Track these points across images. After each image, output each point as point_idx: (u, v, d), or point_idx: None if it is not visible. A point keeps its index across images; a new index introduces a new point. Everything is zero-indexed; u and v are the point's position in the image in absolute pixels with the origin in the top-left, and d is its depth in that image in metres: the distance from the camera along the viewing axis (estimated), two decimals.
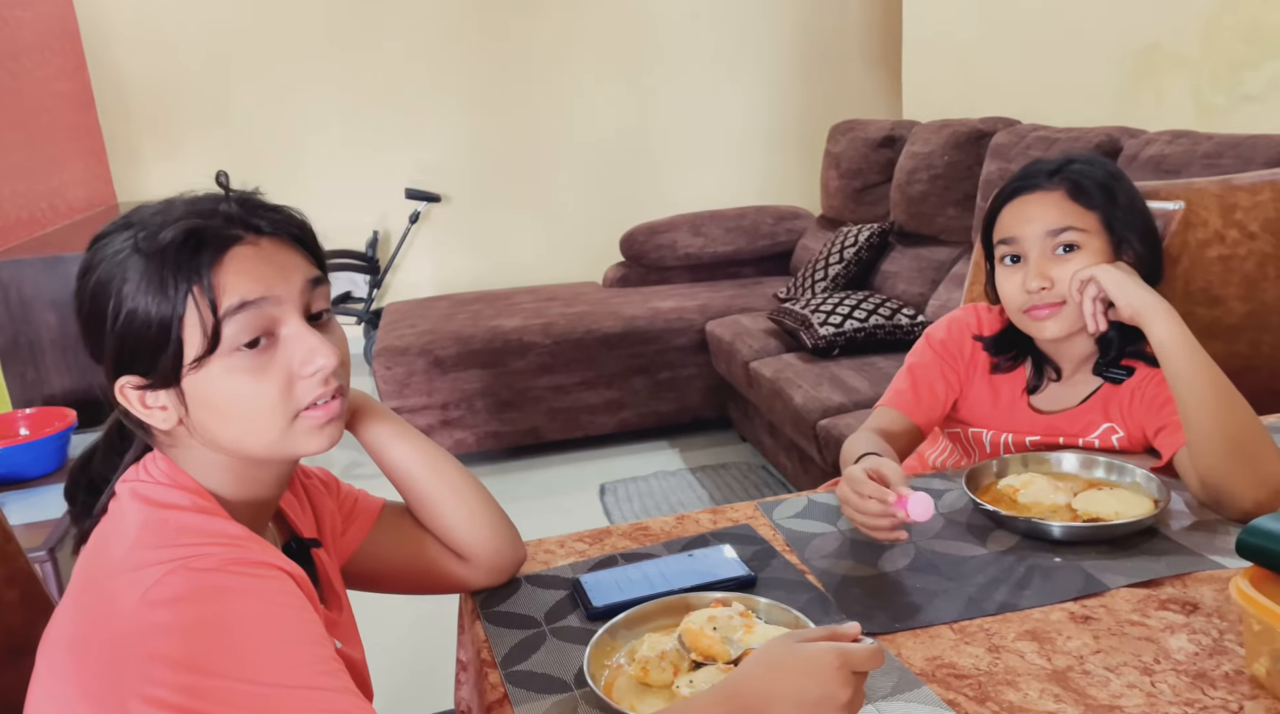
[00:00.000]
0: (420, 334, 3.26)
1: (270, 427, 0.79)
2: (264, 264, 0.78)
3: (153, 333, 0.75)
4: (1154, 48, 2.64)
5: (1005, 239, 1.25)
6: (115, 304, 0.76)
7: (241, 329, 0.76)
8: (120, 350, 0.77)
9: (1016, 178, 1.26)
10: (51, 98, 3.44)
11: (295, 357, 0.79)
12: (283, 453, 0.82)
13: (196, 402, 0.78)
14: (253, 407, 0.78)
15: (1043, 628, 0.92)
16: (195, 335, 0.75)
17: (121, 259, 0.76)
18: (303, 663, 0.71)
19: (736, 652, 0.86)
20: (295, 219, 0.83)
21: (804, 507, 1.22)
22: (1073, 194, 1.21)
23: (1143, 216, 1.24)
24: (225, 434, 0.79)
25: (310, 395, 0.80)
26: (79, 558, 0.81)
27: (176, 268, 0.75)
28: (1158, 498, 1.11)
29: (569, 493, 3.05)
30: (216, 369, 0.76)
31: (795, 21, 4.58)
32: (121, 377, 0.78)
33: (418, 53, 4.21)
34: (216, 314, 0.75)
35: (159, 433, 0.81)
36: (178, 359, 0.76)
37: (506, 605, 1.01)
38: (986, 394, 1.35)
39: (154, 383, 0.77)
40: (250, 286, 0.76)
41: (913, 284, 3.10)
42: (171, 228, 0.76)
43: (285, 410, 0.79)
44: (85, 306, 0.79)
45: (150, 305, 0.75)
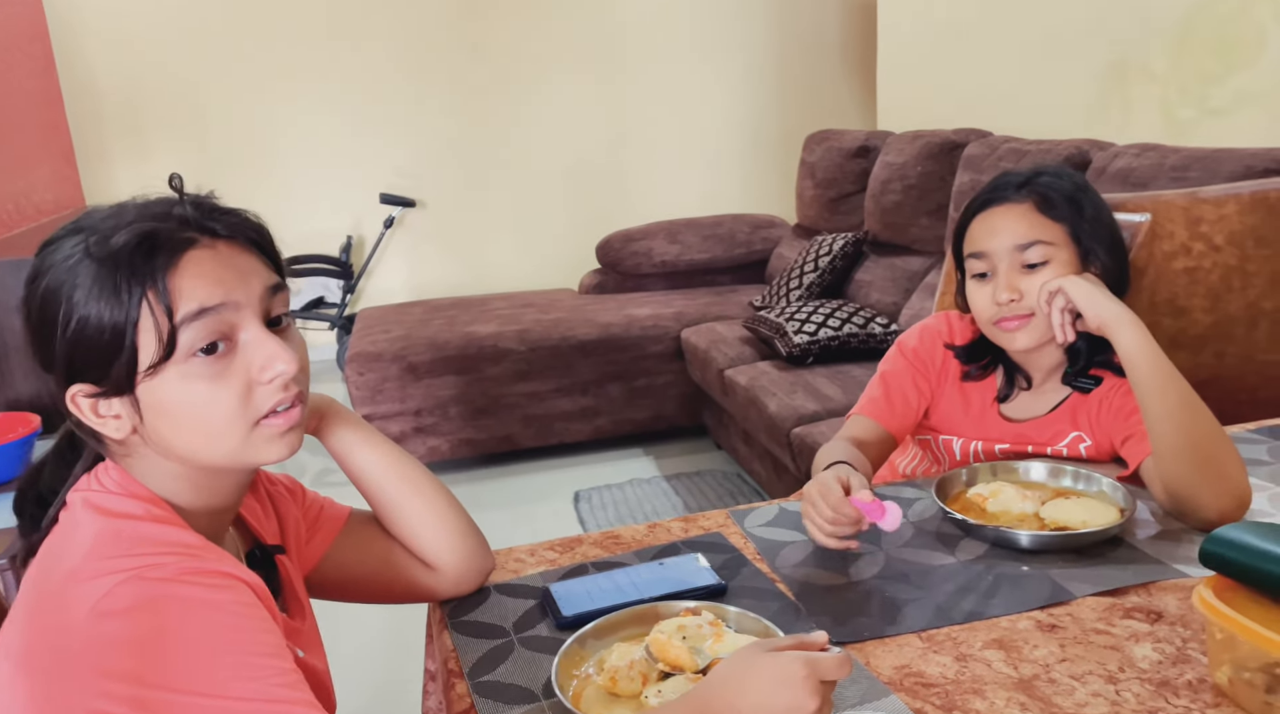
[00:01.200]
0: (394, 340, 3.24)
1: (229, 435, 0.78)
2: (222, 268, 0.76)
3: (105, 339, 0.74)
4: (1123, 61, 2.68)
5: (975, 253, 1.26)
6: (66, 311, 0.74)
7: (199, 335, 0.75)
8: (71, 358, 0.75)
9: (986, 190, 1.28)
10: (19, 98, 3.39)
11: (254, 363, 0.78)
12: (242, 461, 0.81)
13: (151, 409, 0.76)
14: (210, 414, 0.77)
15: (1010, 636, 0.92)
16: (150, 341, 0.74)
17: (72, 265, 0.74)
18: (259, 675, 0.70)
19: (704, 661, 0.86)
20: (252, 223, 0.82)
21: (775, 515, 1.22)
22: (1040, 207, 1.22)
23: (1109, 228, 1.25)
24: (182, 442, 0.78)
25: (269, 402, 0.79)
26: (28, 569, 0.79)
27: (130, 272, 0.73)
28: (1124, 507, 1.12)
29: (543, 500, 3.04)
30: (172, 376, 0.75)
31: (771, 31, 4.61)
32: (73, 385, 0.76)
33: (393, 56, 4.20)
34: (172, 320, 0.73)
35: (112, 442, 0.80)
36: (131, 366, 0.74)
37: (475, 615, 1.01)
38: (957, 402, 1.36)
39: (107, 391, 0.76)
40: (209, 292, 0.75)
41: (886, 293, 3.12)
42: (124, 231, 0.74)
43: (244, 418, 0.78)
44: (34, 314, 0.77)
45: (102, 311, 0.73)
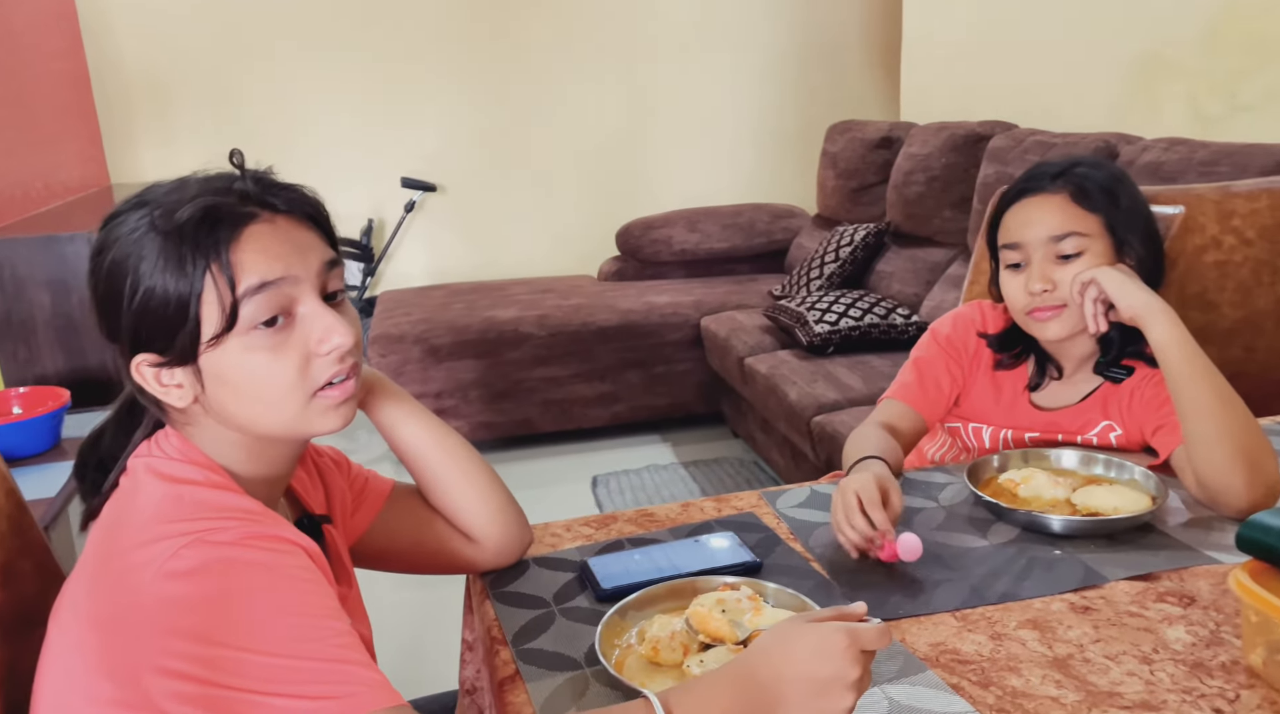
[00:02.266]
0: (415, 322, 3.26)
1: (287, 405, 0.80)
2: (281, 243, 0.78)
3: (170, 311, 0.75)
4: (1152, 55, 2.67)
5: (1009, 243, 1.27)
6: (132, 282, 0.76)
7: (260, 308, 0.76)
8: (137, 328, 0.77)
9: (1021, 180, 1.28)
10: (47, 78, 3.42)
11: (312, 335, 0.79)
12: (298, 431, 0.82)
13: (213, 379, 0.78)
14: (270, 384, 0.78)
15: (1043, 617, 0.94)
16: (213, 313, 0.75)
17: (138, 237, 0.76)
18: (318, 635, 0.72)
19: (744, 634, 0.87)
20: (310, 198, 0.83)
21: (807, 497, 1.24)
22: (1076, 197, 1.23)
23: (1145, 220, 1.26)
24: (242, 412, 0.80)
25: (326, 374, 0.81)
26: (91, 531, 0.81)
27: (194, 245, 0.75)
28: (1155, 495, 1.13)
29: (561, 484, 3.06)
30: (233, 347, 0.77)
31: (794, 20, 4.60)
32: (138, 354, 0.78)
33: (416, 41, 4.20)
34: (235, 292, 0.75)
35: (173, 410, 0.82)
36: (195, 337, 0.76)
37: (515, 586, 1.03)
38: (989, 390, 1.37)
39: (171, 361, 0.78)
40: (269, 266, 0.77)
41: (907, 284, 3.12)
42: (188, 205, 0.76)
43: (302, 389, 0.80)
44: (100, 285, 0.79)
45: (168, 283, 0.75)
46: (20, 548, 0.91)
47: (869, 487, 1.06)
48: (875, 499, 1.05)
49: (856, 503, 1.05)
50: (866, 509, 1.04)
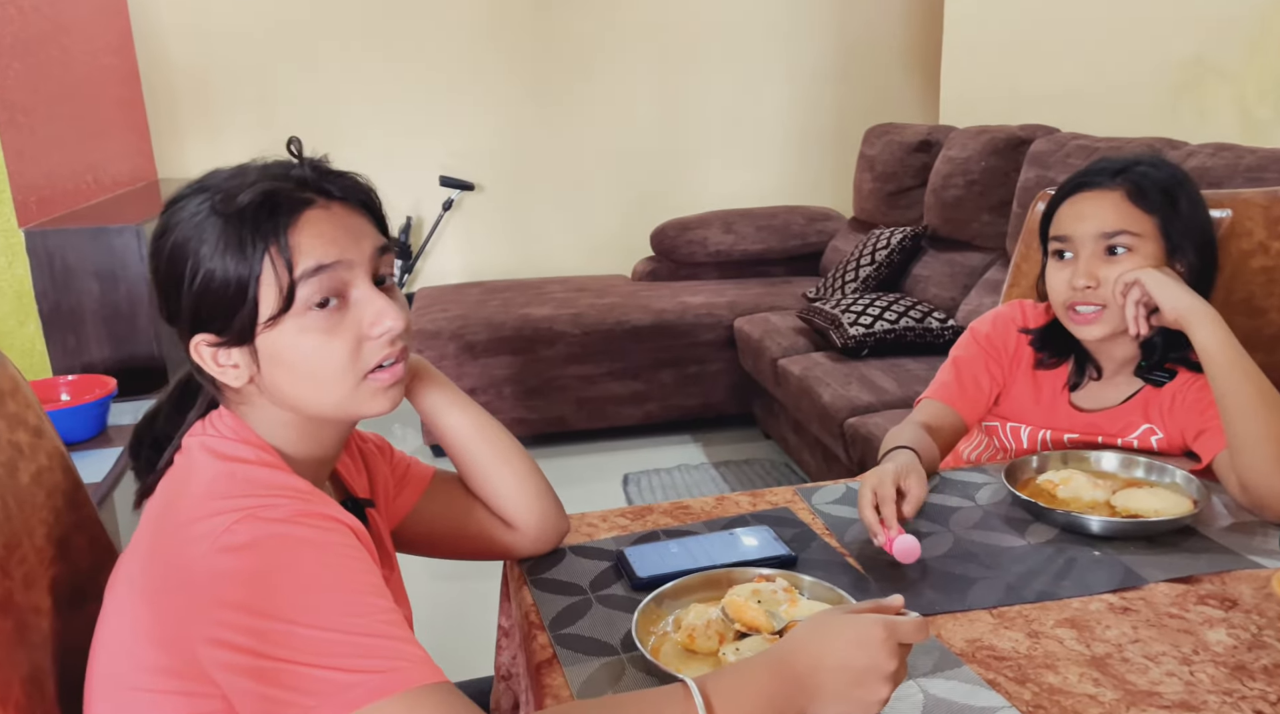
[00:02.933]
0: (452, 318, 3.30)
1: (338, 386, 0.82)
2: (336, 228, 0.80)
3: (230, 292, 0.78)
4: (1197, 60, 2.64)
5: (1059, 236, 1.26)
6: (193, 265, 0.78)
7: (315, 290, 0.78)
8: (197, 309, 0.80)
9: (1079, 173, 1.27)
10: (98, 73, 3.49)
11: (365, 318, 0.81)
12: (348, 412, 0.84)
13: (269, 359, 0.80)
14: (323, 365, 0.80)
15: (1082, 617, 0.93)
16: (270, 294, 0.78)
17: (199, 221, 0.79)
18: (364, 611, 0.73)
19: (780, 624, 0.88)
20: (364, 185, 0.86)
21: (843, 494, 1.24)
22: (1132, 196, 1.21)
23: (1202, 227, 1.24)
24: (295, 391, 0.82)
25: (377, 356, 0.83)
26: (146, 508, 0.83)
27: (254, 229, 0.77)
28: (1196, 498, 1.12)
29: (593, 482, 3.08)
30: (289, 328, 0.79)
31: (834, 23, 4.59)
32: (197, 335, 0.81)
33: (456, 41, 4.25)
34: (292, 274, 0.77)
35: (228, 390, 0.84)
36: (253, 318, 0.78)
37: (552, 573, 1.04)
38: (1028, 389, 1.36)
39: (228, 341, 0.80)
40: (325, 250, 0.79)
41: (944, 288, 3.10)
42: (249, 190, 0.78)
43: (354, 371, 0.82)
44: (162, 268, 0.81)
45: (228, 266, 0.77)
46: (76, 523, 0.94)
47: (885, 482, 1.07)
48: (889, 495, 1.06)
49: (871, 498, 1.06)
50: (879, 504, 1.05)
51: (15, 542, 0.83)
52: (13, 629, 0.80)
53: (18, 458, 0.88)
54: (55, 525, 0.91)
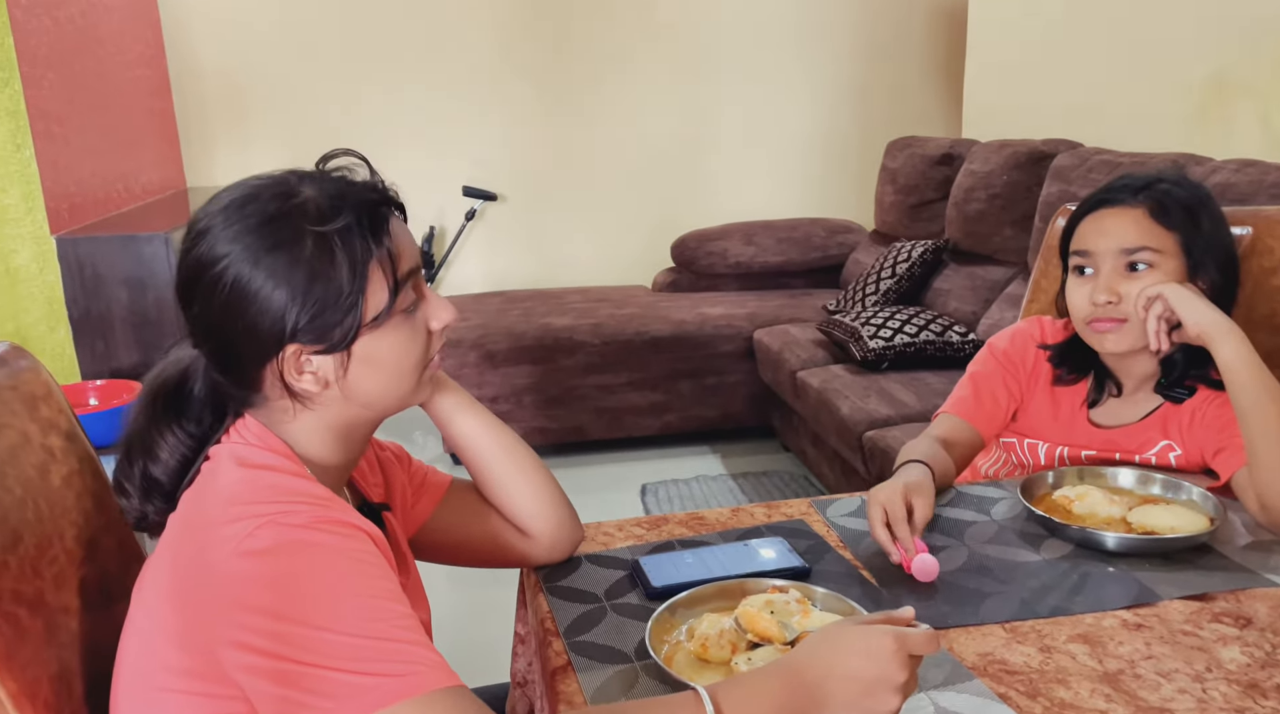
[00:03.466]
0: (473, 328, 3.32)
1: (412, 377, 0.89)
2: (407, 236, 0.88)
3: (345, 302, 0.81)
4: (1222, 76, 2.63)
5: (1080, 250, 1.26)
6: (306, 278, 0.80)
7: (408, 292, 0.86)
8: (306, 321, 0.81)
9: (1102, 189, 1.27)
10: (131, 84, 3.56)
11: (431, 315, 0.89)
12: (409, 402, 0.91)
13: (361, 360, 0.84)
14: (407, 360, 0.87)
15: (1094, 632, 0.94)
16: (376, 300, 0.83)
17: (306, 245, 0.80)
18: (381, 616, 0.75)
19: (792, 635, 0.89)
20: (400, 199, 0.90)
21: (857, 506, 1.24)
22: (1154, 213, 1.21)
23: (1225, 245, 1.24)
24: (377, 388, 0.87)
25: (436, 348, 0.91)
26: (175, 512, 0.85)
27: (363, 238, 0.82)
28: (1213, 516, 1.12)
29: (611, 492, 3.09)
30: (385, 329, 0.84)
31: (855, 36, 4.59)
32: (290, 345, 0.82)
33: (480, 55, 4.29)
34: (396, 279, 0.83)
35: (260, 398, 0.86)
36: (358, 322, 0.82)
37: (568, 581, 1.05)
38: (1047, 405, 1.36)
39: (327, 347, 0.82)
40: (411, 256, 0.87)
41: (965, 302, 3.09)
42: (350, 208, 0.82)
43: (424, 362, 0.90)
44: (260, 287, 0.80)
45: (342, 276, 0.81)
46: (104, 525, 0.96)
47: (895, 500, 1.07)
48: (900, 515, 1.06)
49: (882, 515, 1.06)
50: (891, 524, 1.06)
51: (47, 543, 0.86)
52: (43, 628, 0.82)
53: (50, 461, 0.91)
54: (85, 527, 0.93)
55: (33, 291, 2.63)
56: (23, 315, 2.58)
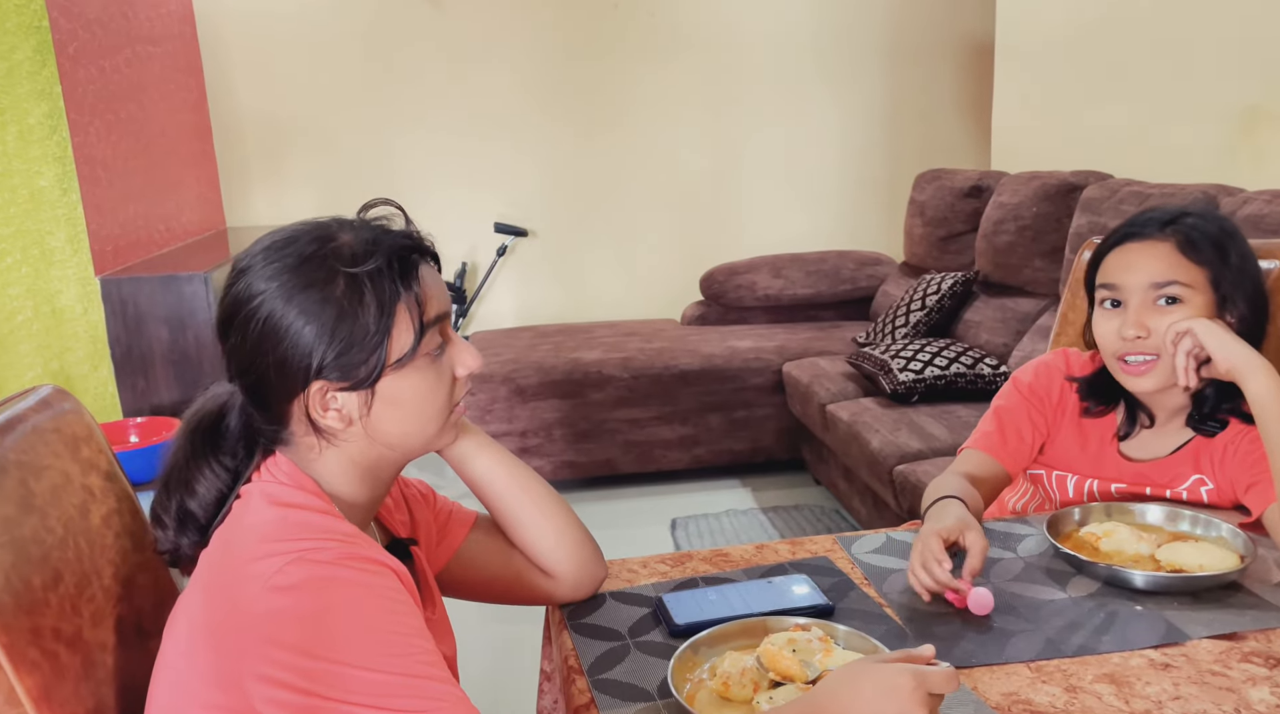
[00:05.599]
0: (504, 363, 3.36)
1: (436, 421, 0.91)
2: (437, 283, 0.91)
3: (369, 340, 0.84)
4: (1255, 107, 2.61)
5: (1108, 284, 1.25)
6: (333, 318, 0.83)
7: (433, 337, 0.88)
8: (333, 358, 0.84)
9: (1128, 224, 1.27)
10: (173, 129, 3.67)
11: (456, 361, 0.91)
12: (432, 446, 0.93)
13: (384, 400, 0.87)
14: (430, 403, 0.89)
15: (1121, 672, 0.93)
16: (402, 342, 0.86)
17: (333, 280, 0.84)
18: (407, 653, 0.77)
19: (814, 673, 0.89)
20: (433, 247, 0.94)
21: (882, 543, 1.24)
22: (1182, 248, 1.21)
23: (1253, 278, 1.23)
24: (400, 429, 0.89)
25: (461, 393, 0.93)
26: (206, 550, 0.88)
27: (392, 282, 0.85)
28: (1244, 554, 1.10)
29: (640, 525, 3.09)
30: (410, 371, 0.87)
31: (883, 69, 4.62)
32: (316, 382, 0.84)
33: (512, 93, 4.37)
34: (423, 321, 0.86)
35: (289, 435, 0.88)
36: (382, 363, 0.85)
37: (592, 618, 1.06)
38: (1075, 438, 1.35)
39: (352, 385, 0.85)
40: (440, 301, 0.89)
41: (996, 334, 3.08)
42: (382, 252, 0.85)
43: (448, 407, 0.91)
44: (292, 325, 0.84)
45: (369, 317, 0.84)
46: (141, 563, 0.99)
47: (946, 536, 1.06)
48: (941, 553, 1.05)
49: (939, 549, 1.05)
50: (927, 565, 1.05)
51: (85, 581, 0.88)
52: (80, 665, 0.85)
53: (90, 501, 0.94)
54: (122, 565, 0.96)
55: (77, 331, 2.71)
56: (67, 354, 2.66)
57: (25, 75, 2.51)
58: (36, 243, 2.53)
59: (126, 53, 3.21)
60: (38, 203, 2.54)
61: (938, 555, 1.05)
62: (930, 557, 1.05)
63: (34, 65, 2.56)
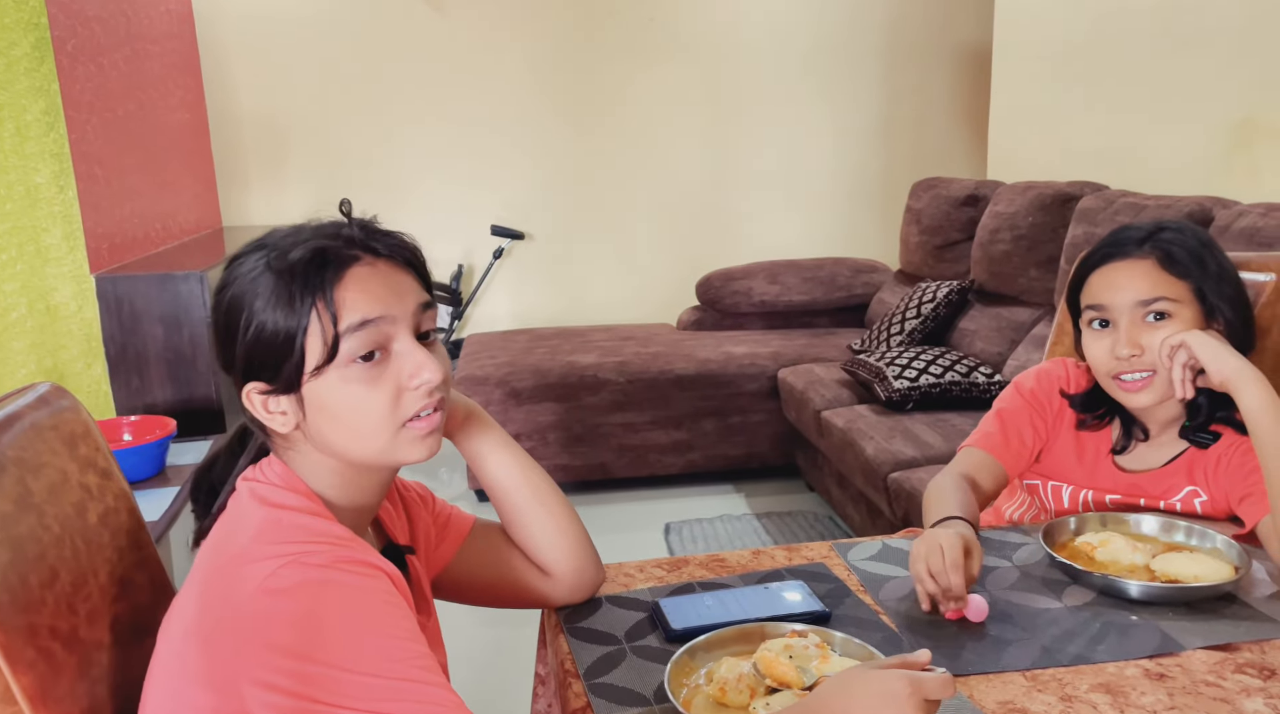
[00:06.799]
0: (499, 366, 3.36)
1: (379, 434, 0.85)
2: (380, 284, 0.85)
3: (279, 343, 0.82)
4: (1250, 120, 2.63)
5: (1095, 305, 1.26)
6: (247, 317, 0.84)
7: (359, 343, 0.83)
8: (250, 359, 0.84)
9: (1106, 244, 1.28)
10: (172, 127, 3.67)
11: (404, 371, 0.85)
12: (388, 459, 0.88)
13: (314, 407, 0.84)
14: (364, 414, 0.84)
15: (1117, 682, 0.93)
16: (316, 346, 0.82)
17: (255, 277, 0.84)
18: (402, 657, 0.76)
19: (810, 680, 0.89)
20: (409, 244, 0.90)
21: (878, 550, 1.25)
22: (1164, 263, 1.22)
23: (1234, 285, 1.24)
24: (338, 439, 0.86)
25: (415, 407, 0.86)
26: (200, 550, 0.88)
27: (303, 284, 0.82)
28: (1238, 564, 1.11)
29: (634, 530, 3.09)
30: (333, 378, 0.83)
31: (880, 77, 4.64)
32: (249, 383, 0.86)
33: (510, 97, 4.38)
34: (337, 327, 0.82)
35: (277, 437, 0.89)
36: (299, 368, 0.83)
37: (588, 622, 1.06)
38: (1071, 449, 1.36)
39: (277, 389, 0.85)
40: (370, 305, 0.83)
41: (991, 343, 3.09)
42: (300, 248, 0.83)
43: (393, 419, 0.85)
44: (220, 319, 0.87)
45: (278, 318, 0.82)
46: (137, 561, 0.98)
47: (956, 546, 1.06)
48: (959, 561, 1.05)
49: (943, 561, 1.05)
50: (949, 569, 1.04)
51: (82, 580, 0.88)
52: (76, 664, 0.84)
53: (87, 499, 0.94)
54: (119, 564, 0.95)
55: (71, 328, 2.70)
56: (61, 351, 2.65)
57: (23, 71, 2.50)
58: (32, 240, 2.52)
59: (125, 50, 3.20)
60: (33, 199, 2.54)
61: (958, 562, 1.04)
62: (938, 564, 1.04)
63: (32, 62, 2.55)
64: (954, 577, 1.03)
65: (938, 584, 1.04)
